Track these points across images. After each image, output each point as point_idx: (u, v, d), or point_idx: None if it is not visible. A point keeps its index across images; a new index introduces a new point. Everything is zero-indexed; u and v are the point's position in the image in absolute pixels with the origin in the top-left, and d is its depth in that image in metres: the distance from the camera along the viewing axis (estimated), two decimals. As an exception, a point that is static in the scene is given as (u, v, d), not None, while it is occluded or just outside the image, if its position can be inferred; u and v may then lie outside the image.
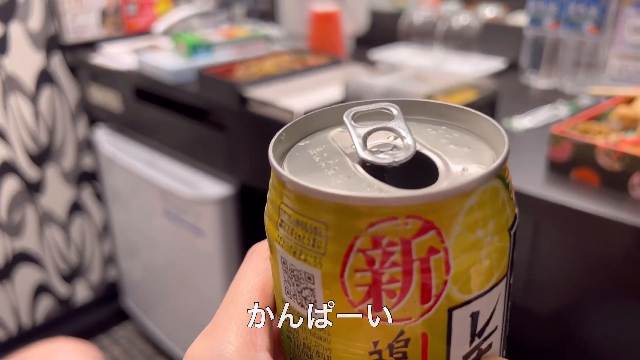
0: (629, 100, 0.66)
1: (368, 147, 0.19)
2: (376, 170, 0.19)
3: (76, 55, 1.24)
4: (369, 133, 0.19)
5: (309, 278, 0.17)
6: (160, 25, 1.21)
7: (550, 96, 0.85)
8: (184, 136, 1.04)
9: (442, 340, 0.17)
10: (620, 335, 0.61)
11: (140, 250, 1.31)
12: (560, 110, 0.76)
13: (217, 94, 0.90)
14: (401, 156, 0.18)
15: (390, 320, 0.17)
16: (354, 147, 0.19)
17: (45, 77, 1.25)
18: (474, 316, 0.18)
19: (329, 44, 1.08)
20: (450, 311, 0.17)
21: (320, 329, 0.18)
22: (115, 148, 1.22)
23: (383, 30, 1.22)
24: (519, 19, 1.04)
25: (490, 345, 0.19)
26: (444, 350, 0.18)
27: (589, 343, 0.63)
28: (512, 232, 0.18)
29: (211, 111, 0.96)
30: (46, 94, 1.26)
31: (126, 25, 1.31)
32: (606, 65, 0.80)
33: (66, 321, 1.42)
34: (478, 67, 0.99)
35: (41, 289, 1.36)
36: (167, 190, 1.07)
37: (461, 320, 0.17)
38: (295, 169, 0.19)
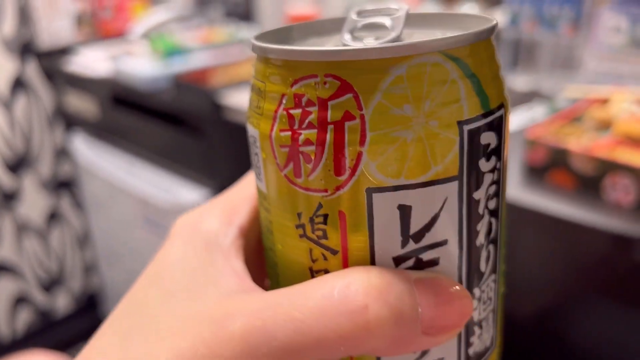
0: (604, 101, 0.66)
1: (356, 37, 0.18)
2: None
3: (52, 61, 1.22)
4: (362, 24, 0.18)
5: (255, 142, 0.17)
6: (136, 30, 1.19)
7: (528, 97, 0.84)
8: (162, 142, 1.02)
9: (363, 226, 0.16)
10: (598, 337, 0.61)
11: (122, 258, 1.29)
12: (537, 111, 0.76)
13: (193, 101, 0.89)
14: (376, 42, 0.17)
15: (307, 190, 0.16)
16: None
17: (20, 84, 1.23)
18: (404, 210, 0.15)
19: (307, 47, 1.07)
20: (369, 192, 0.15)
21: (265, 200, 0.18)
22: (92, 155, 1.20)
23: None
24: (497, 17, 1.04)
25: (436, 262, 0.16)
26: (366, 239, 0.16)
27: (568, 346, 0.63)
28: (467, 129, 0.15)
29: (188, 118, 0.95)
30: (21, 100, 1.24)
31: (102, 30, 1.29)
32: (582, 66, 0.80)
33: (47, 331, 1.40)
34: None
35: (21, 300, 1.34)
36: (146, 197, 1.06)
37: (385, 209, 0.15)
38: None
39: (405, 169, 0.15)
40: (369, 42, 0.17)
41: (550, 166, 0.57)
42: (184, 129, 0.95)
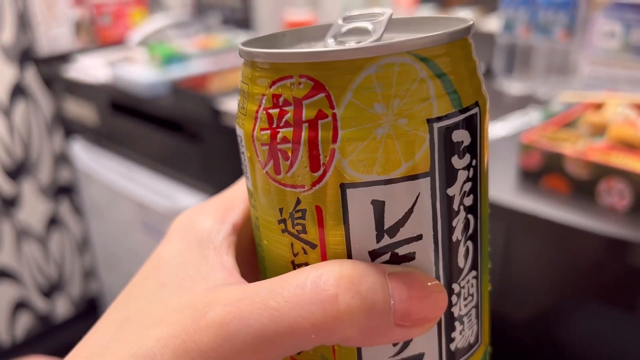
0: (599, 106, 0.67)
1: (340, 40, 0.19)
2: None
3: (51, 68, 1.23)
4: (346, 29, 0.19)
5: (241, 141, 0.18)
6: (135, 36, 1.20)
7: (523, 102, 0.85)
8: (161, 148, 1.03)
9: (339, 220, 0.16)
10: (593, 340, 0.61)
11: (121, 263, 1.29)
12: (532, 116, 0.77)
13: (191, 107, 0.90)
14: (357, 44, 0.17)
15: (286, 186, 0.17)
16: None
17: (19, 91, 1.23)
18: (378, 206, 0.16)
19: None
20: (343, 188, 0.16)
21: (252, 197, 0.19)
22: (91, 161, 1.21)
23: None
24: (492, 23, 1.05)
25: (412, 256, 0.17)
26: (342, 233, 0.16)
27: (563, 349, 0.63)
28: (437, 126, 0.16)
29: (186, 124, 0.96)
30: (20, 107, 1.24)
31: (100, 37, 1.30)
32: (577, 71, 0.81)
33: (47, 337, 1.40)
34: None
35: (20, 305, 1.34)
36: (145, 202, 1.06)
37: (359, 204, 0.16)
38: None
39: (377, 165, 0.16)
40: (349, 45, 0.18)
41: (545, 171, 0.57)
42: (182, 135, 0.96)
